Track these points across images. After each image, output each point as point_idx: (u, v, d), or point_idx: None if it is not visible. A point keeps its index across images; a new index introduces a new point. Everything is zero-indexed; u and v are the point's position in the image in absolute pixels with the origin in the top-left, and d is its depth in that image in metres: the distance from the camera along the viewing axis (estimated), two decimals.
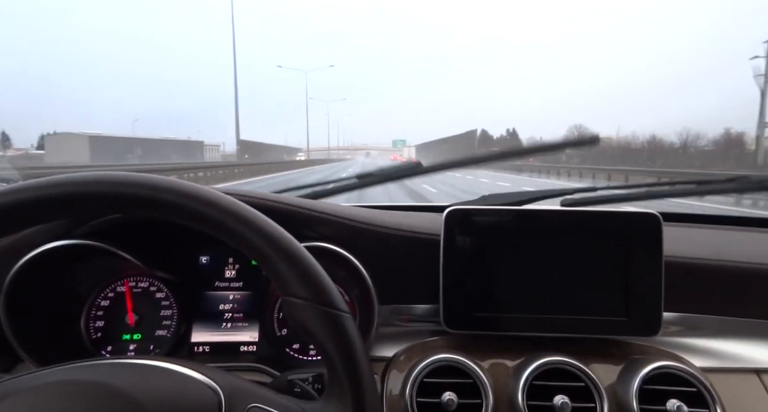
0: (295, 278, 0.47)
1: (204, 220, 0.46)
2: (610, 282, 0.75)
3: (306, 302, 0.46)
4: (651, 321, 0.74)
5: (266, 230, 0.47)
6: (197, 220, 0.46)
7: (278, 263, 0.47)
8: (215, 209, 0.46)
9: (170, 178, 0.46)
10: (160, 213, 0.46)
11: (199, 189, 0.46)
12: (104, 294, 0.83)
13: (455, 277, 0.76)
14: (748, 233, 1.03)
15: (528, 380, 0.69)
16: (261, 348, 0.83)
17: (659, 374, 0.69)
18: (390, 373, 0.75)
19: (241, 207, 0.47)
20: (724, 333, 0.80)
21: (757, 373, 0.76)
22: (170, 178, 0.46)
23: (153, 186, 0.45)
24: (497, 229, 0.76)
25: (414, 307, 0.84)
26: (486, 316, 0.76)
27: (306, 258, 0.48)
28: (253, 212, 0.48)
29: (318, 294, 0.47)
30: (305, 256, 0.48)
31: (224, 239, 0.47)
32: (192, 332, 0.83)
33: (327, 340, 0.46)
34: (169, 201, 0.45)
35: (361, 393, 0.45)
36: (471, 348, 0.76)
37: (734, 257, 0.81)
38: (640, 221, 0.75)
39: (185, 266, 0.84)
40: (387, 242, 0.81)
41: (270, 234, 0.47)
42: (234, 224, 0.46)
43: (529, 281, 0.76)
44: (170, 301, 0.84)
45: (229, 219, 0.46)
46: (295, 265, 0.47)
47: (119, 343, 0.82)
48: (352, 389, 0.45)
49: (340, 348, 0.46)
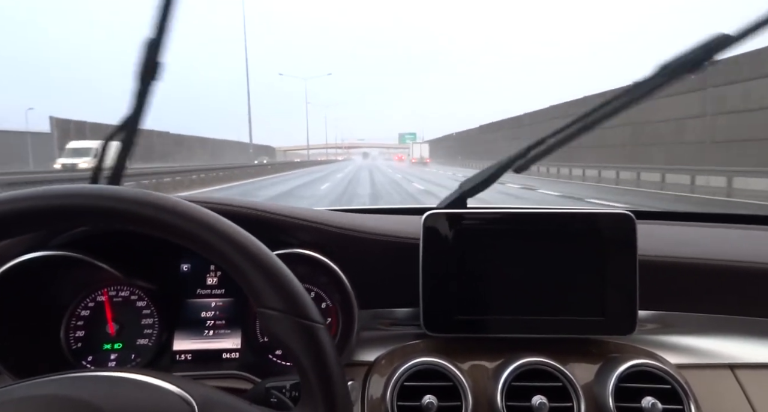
0: (269, 290, 0.46)
1: (168, 230, 0.45)
2: (586, 282, 0.76)
3: (280, 313, 0.46)
4: (627, 320, 0.76)
5: (237, 240, 0.46)
6: (161, 229, 0.45)
7: (251, 274, 0.46)
8: (180, 218, 0.45)
9: (132, 189, 0.46)
10: (121, 224, 0.45)
11: (160, 198, 0.45)
12: (84, 304, 0.82)
13: (435, 280, 0.77)
14: (720, 229, 1.05)
15: (507, 382, 0.70)
16: (243, 355, 0.83)
17: (635, 372, 0.70)
18: (371, 377, 0.76)
19: (209, 216, 0.47)
20: (698, 330, 0.82)
21: (731, 368, 0.77)
22: (132, 189, 0.46)
23: (114, 197, 0.44)
24: (475, 231, 0.77)
25: (395, 311, 0.85)
26: (466, 318, 0.77)
27: (279, 268, 0.47)
28: (223, 221, 0.47)
29: (292, 306, 0.46)
30: (278, 266, 0.48)
31: (194, 250, 0.47)
32: (174, 340, 0.83)
33: (301, 351, 0.46)
34: (129, 212, 0.44)
35: (334, 405, 0.45)
36: (451, 351, 0.76)
37: (707, 254, 0.83)
38: (614, 221, 0.76)
39: (166, 274, 0.84)
40: (366, 247, 0.81)
41: (241, 244, 0.46)
42: (202, 234, 0.45)
43: (507, 283, 0.77)
44: (151, 309, 0.83)
45: (197, 229, 0.45)
46: (268, 276, 0.47)
47: (100, 353, 0.81)
48: (325, 401, 0.45)
49: (314, 360, 0.46)
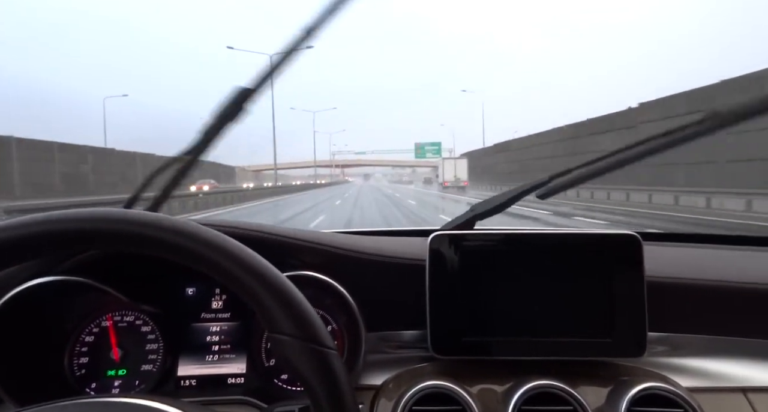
0: (282, 315, 0.46)
1: (182, 253, 0.45)
2: (593, 304, 0.76)
3: (293, 338, 0.46)
4: (636, 342, 0.75)
5: (251, 264, 0.46)
6: (175, 253, 0.45)
7: (264, 298, 0.46)
8: (194, 241, 0.45)
9: (147, 212, 0.46)
10: (136, 248, 0.45)
11: (176, 222, 0.46)
12: (88, 330, 0.82)
13: (442, 302, 0.77)
14: (728, 251, 1.05)
15: (517, 406, 0.69)
16: (249, 380, 0.82)
17: (646, 396, 0.69)
18: (379, 401, 0.74)
19: (222, 239, 0.47)
20: (709, 352, 0.81)
21: (743, 392, 0.76)
22: (147, 212, 0.46)
23: (128, 221, 0.44)
24: (482, 253, 0.77)
25: (402, 333, 0.84)
26: (473, 340, 0.76)
27: (293, 294, 0.47)
28: (236, 245, 0.47)
29: (305, 331, 0.46)
30: (292, 291, 0.47)
31: (207, 273, 0.47)
32: (178, 365, 0.82)
33: (312, 377, 0.45)
34: (145, 235, 0.44)
35: None
36: (460, 373, 0.75)
37: (715, 275, 0.83)
38: (620, 242, 0.76)
39: (171, 298, 0.84)
40: (373, 269, 0.81)
41: (255, 268, 0.46)
42: (216, 258, 0.45)
43: (515, 305, 0.77)
44: (156, 334, 0.83)
45: (210, 252, 0.45)
46: (281, 301, 0.46)
47: (104, 379, 0.80)
48: None
49: (326, 386, 0.45)
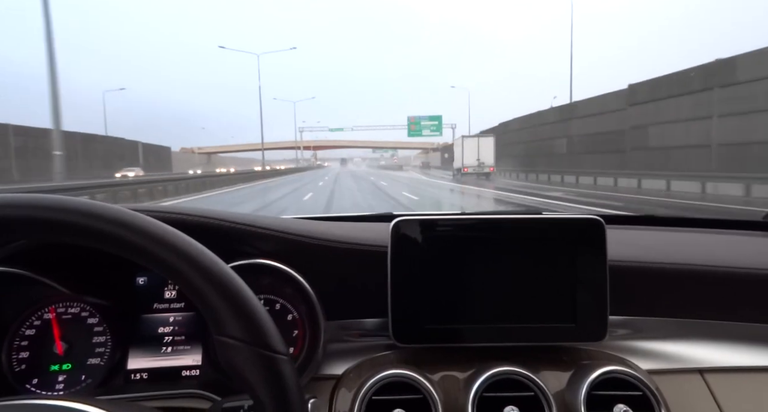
0: (229, 316, 0.42)
1: (116, 244, 0.41)
2: (556, 289, 0.75)
3: (241, 343, 0.42)
4: (598, 326, 0.75)
5: (194, 257, 0.42)
6: (106, 243, 0.41)
7: (210, 296, 0.42)
8: (127, 230, 0.41)
9: (77, 198, 0.42)
10: (64, 237, 0.41)
11: (105, 207, 0.42)
12: (29, 323, 0.76)
13: (403, 289, 0.75)
14: (689, 234, 1.07)
15: (478, 393, 0.68)
16: (204, 372, 0.78)
17: (607, 379, 0.69)
18: (339, 391, 0.72)
19: (161, 229, 0.43)
20: (668, 335, 0.82)
21: (700, 372, 0.77)
22: (76, 198, 0.42)
23: (53, 207, 0.40)
24: (445, 238, 0.75)
25: (364, 321, 0.82)
26: (435, 328, 0.75)
27: (242, 292, 0.44)
28: (177, 235, 0.43)
29: (255, 335, 0.43)
30: (241, 290, 0.44)
31: (147, 266, 0.43)
32: (128, 358, 0.78)
33: (261, 385, 0.42)
34: (70, 223, 0.40)
35: None
36: (421, 362, 0.74)
37: (675, 258, 0.83)
38: (584, 226, 0.75)
39: (120, 289, 0.79)
40: (332, 256, 0.78)
41: (199, 262, 0.42)
42: (155, 250, 0.41)
43: (477, 291, 0.75)
44: (103, 327, 0.78)
45: (149, 244, 0.41)
46: (229, 300, 0.43)
47: (47, 375, 0.75)
48: None
49: (274, 394, 0.42)
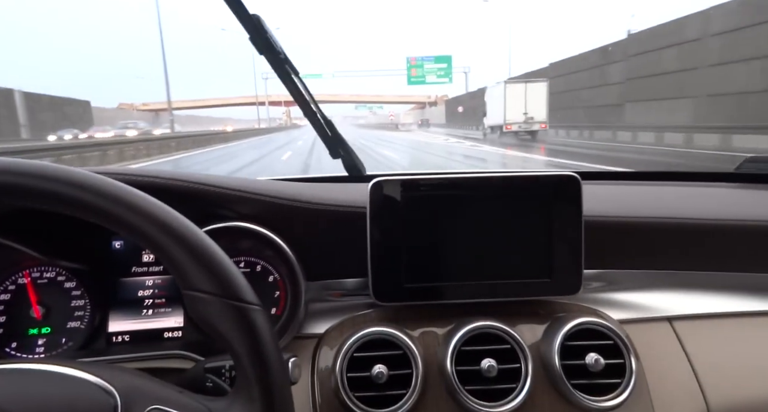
0: (197, 270, 0.42)
1: (75, 205, 0.40)
2: (533, 245, 0.76)
3: (211, 296, 0.42)
4: (573, 280, 0.77)
5: (153, 214, 0.42)
6: (67, 206, 0.40)
7: (174, 252, 0.42)
8: (87, 192, 0.40)
9: (29, 160, 0.40)
10: (22, 201, 0.40)
11: (61, 169, 0.40)
12: (3, 287, 0.75)
13: (383, 249, 0.75)
14: (660, 187, 1.08)
15: (456, 347, 0.70)
16: (187, 333, 0.79)
17: (580, 330, 0.72)
18: (321, 349, 0.74)
19: (116, 188, 0.41)
20: (640, 286, 0.85)
21: (669, 320, 0.81)
22: (28, 161, 0.40)
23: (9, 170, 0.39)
24: (422, 197, 0.75)
25: (345, 281, 0.83)
26: (415, 286, 0.76)
27: (206, 246, 0.43)
28: (135, 193, 0.42)
29: (224, 287, 0.42)
30: (205, 243, 0.43)
31: (108, 228, 0.42)
32: (109, 321, 0.78)
33: (235, 336, 0.42)
34: (29, 186, 0.39)
35: (271, 391, 0.43)
36: (401, 319, 0.76)
37: (647, 212, 0.85)
38: (559, 182, 0.76)
39: (95, 253, 0.78)
40: (311, 217, 0.78)
41: (159, 219, 0.42)
42: (113, 209, 0.41)
43: (455, 249, 0.76)
44: (81, 291, 0.77)
45: (105, 203, 0.40)
46: (193, 254, 0.42)
47: (25, 338, 0.75)
48: (260, 388, 0.42)
49: (249, 345, 0.42)
